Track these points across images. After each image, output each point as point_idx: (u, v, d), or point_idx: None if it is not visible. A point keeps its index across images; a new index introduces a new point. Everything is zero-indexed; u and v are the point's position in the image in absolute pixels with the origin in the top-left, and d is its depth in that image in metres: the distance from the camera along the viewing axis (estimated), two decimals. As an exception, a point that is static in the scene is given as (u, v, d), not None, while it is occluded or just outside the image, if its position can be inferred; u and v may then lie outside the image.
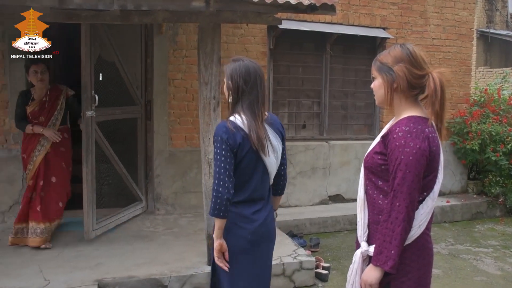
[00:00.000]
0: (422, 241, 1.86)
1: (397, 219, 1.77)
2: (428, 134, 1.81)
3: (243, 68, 2.25)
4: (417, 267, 1.86)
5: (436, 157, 1.85)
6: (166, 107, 5.20)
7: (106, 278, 3.49)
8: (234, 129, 2.18)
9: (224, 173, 2.16)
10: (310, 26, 5.65)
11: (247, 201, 2.29)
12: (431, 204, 1.86)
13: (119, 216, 4.80)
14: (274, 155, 2.31)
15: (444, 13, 6.49)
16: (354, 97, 6.31)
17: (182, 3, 3.30)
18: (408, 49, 1.88)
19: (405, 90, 1.87)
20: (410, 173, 1.76)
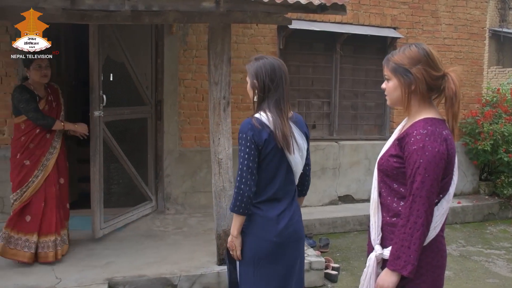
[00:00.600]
0: (436, 243, 1.85)
1: (416, 223, 1.75)
2: (446, 136, 1.78)
3: (268, 66, 2.23)
4: (432, 269, 1.85)
5: (452, 159, 1.82)
6: (176, 107, 5.22)
7: (116, 277, 3.52)
8: (260, 126, 2.16)
9: (247, 171, 2.15)
10: (320, 26, 5.63)
11: (271, 200, 2.25)
12: (446, 206, 1.84)
13: (128, 215, 4.83)
14: (299, 153, 2.29)
15: (456, 12, 6.43)
16: (364, 97, 6.28)
17: (193, 4, 3.31)
18: (425, 49, 1.83)
19: (424, 93, 1.83)
20: (429, 177, 1.73)
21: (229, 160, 3.72)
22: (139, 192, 5.15)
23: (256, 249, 2.24)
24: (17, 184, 3.68)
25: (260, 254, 2.24)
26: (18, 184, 3.68)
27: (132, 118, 5.18)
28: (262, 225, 2.23)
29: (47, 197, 3.74)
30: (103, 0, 3.17)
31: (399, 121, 6.71)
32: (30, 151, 3.70)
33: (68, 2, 3.10)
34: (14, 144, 3.74)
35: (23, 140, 3.69)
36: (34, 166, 3.70)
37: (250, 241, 2.25)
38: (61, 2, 3.11)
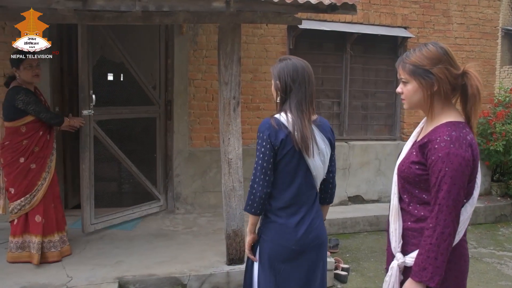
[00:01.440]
0: (460, 248, 1.80)
1: (443, 233, 1.69)
2: (470, 141, 1.71)
3: (290, 67, 2.21)
4: (455, 275, 1.80)
5: (477, 163, 1.75)
6: (186, 107, 5.24)
7: (126, 276, 3.54)
8: (277, 126, 2.13)
9: (261, 170, 2.13)
10: (330, 26, 5.61)
11: (290, 205, 2.19)
12: (470, 211, 1.78)
13: (127, 212, 4.91)
14: (320, 158, 2.21)
15: (468, 11, 6.37)
16: (375, 97, 6.24)
17: (203, 4, 3.32)
18: (443, 48, 1.76)
19: (448, 93, 1.75)
20: (456, 186, 1.67)
21: (239, 160, 3.72)
22: (142, 190, 5.21)
23: (275, 256, 2.20)
24: (24, 189, 3.63)
25: (279, 260, 2.20)
26: (25, 189, 3.63)
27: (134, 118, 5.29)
28: (280, 233, 2.19)
29: (54, 197, 3.80)
30: (114, 1, 3.19)
31: (410, 121, 6.69)
32: (36, 155, 3.65)
33: (80, 3, 3.13)
34: (13, 149, 3.61)
35: (25, 143, 3.61)
36: (42, 169, 3.68)
37: (268, 248, 2.22)
38: (73, 3, 3.14)
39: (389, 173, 6.24)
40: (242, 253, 3.80)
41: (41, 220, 3.67)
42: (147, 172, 5.73)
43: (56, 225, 3.78)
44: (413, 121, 6.27)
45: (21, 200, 3.63)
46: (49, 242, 3.73)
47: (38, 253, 3.63)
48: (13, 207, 3.65)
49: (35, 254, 3.62)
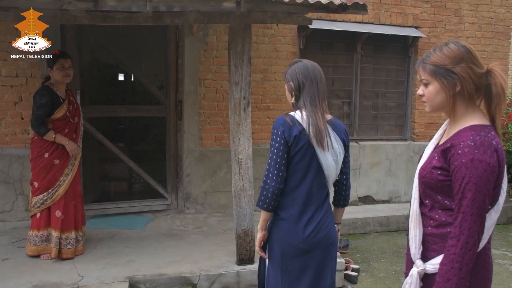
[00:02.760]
0: (482, 256, 1.73)
1: (467, 243, 1.62)
2: (496, 146, 1.62)
3: (301, 66, 2.29)
4: (477, 283, 1.73)
5: (503, 169, 1.67)
6: (196, 107, 5.25)
7: (137, 275, 3.56)
8: (291, 122, 2.18)
9: (275, 166, 2.16)
10: (341, 25, 5.59)
11: (300, 203, 2.21)
12: (495, 217, 1.72)
13: (124, 205, 5.20)
14: (333, 157, 2.23)
15: (480, 10, 6.30)
16: (385, 97, 6.21)
17: (213, 4, 3.32)
18: (465, 46, 1.70)
19: (472, 93, 1.68)
20: (480, 193, 1.60)
21: (249, 160, 3.72)
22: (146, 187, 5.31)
23: (284, 253, 2.23)
24: (47, 183, 3.75)
25: (287, 258, 2.23)
26: (47, 184, 3.75)
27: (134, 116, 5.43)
28: (289, 230, 2.21)
29: (75, 195, 3.88)
30: (125, 2, 3.21)
31: (421, 122, 6.65)
32: (60, 151, 3.78)
33: (92, 4, 3.15)
34: (40, 144, 3.76)
35: (47, 141, 3.75)
36: (64, 165, 3.80)
37: (277, 245, 2.25)
38: (85, 3, 3.16)
39: (400, 174, 6.23)
40: (252, 253, 3.80)
41: (61, 215, 3.76)
42: (155, 171, 5.81)
43: (74, 222, 3.85)
44: (424, 122, 6.22)
45: (44, 194, 3.75)
46: (66, 238, 3.80)
47: (56, 247, 3.74)
48: (36, 201, 3.76)
49: (54, 249, 3.74)
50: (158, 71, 6.90)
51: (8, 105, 4.77)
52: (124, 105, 6.87)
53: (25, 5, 3.17)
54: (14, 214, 4.82)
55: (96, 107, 5.58)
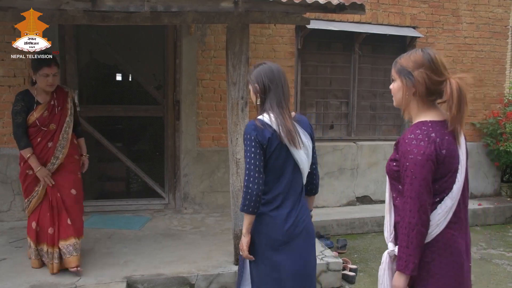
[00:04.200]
0: (443, 240, 1.88)
1: (410, 223, 1.83)
2: (435, 138, 1.84)
3: (266, 69, 2.37)
4: (439, 266, 1.88)
5: (448, 159, 1.86)
6: (194, 107, 5.25)
7: (134, 275, 3.56)
8: (262, 126, 2.27)
9: (254, 169, 2.24)
10: (339, 25, 5.60)
11: (279, 199, 2.33)
12: (450, 204, 1.88)
13: (121, 203, 5.27)
14: (305, 151, 2.36)
15: (478, 10, 6.32)
16: (383, 98, 6.21)
17: (211, 4, 3.32)
18: (430, 54, 1.89)
19: (423, 96, 1.90)
20: (417, 179, 1.81)
21: (247, 160, 3.72)
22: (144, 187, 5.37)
23: (266, 247, 2.34)
24: (24, 192, 3.60)
25: (269, 251, 2.34)
26: (25, 193, 3.59)
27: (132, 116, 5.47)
28: (270, 224, 2.32)
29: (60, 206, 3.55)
30: (123, 2, 3.21)
31: (419, 122, 6.60)
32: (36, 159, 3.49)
33: (89, 4, 3.15)
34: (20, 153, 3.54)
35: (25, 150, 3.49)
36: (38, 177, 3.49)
37: (259, 239, 2.35)
38: (83, 4, 3.16)
39: (398, 174, 6.22)
40: (250, 253, 3.80)
41: (36, 227, 3.54)
42: (153, 170, 5.83)
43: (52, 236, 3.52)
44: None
45: (25, 202, 3.61)
46: (41, 250, 3.60)
47: (34, 258, 3.61)
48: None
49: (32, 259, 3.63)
50: (156, 71, 6.91)
51: (6, 105, 4.76)
52: (122, 105, 6.90)
53: (24, 5, 3.16)
54: (12, 214, 4.81)
55: (94, 106, 5.62)
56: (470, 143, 6.48)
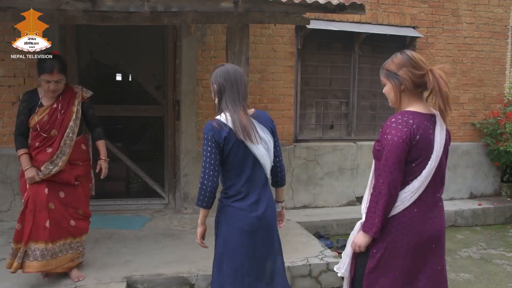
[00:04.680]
0: (405, 218, 2.18)
1: (380, 193, 2.15)
2: (412, 125, 2.13)
3: (222, 70, 2.51)
4: (394, 239, 2.19)
5: (421, 145, 2.14)
6: (194, 107, 5.25)
7: (134, 275, 3.56)
8: (219, 126, 2.41)
9: (210, 167, 2.41)
10: (339, 25, 5.60)
11: (242, 192, 2.48)
12: (417, 185, 2.16)
13: (121, 203, 5.31)
14: (264, 147, 2.50)
15: (478, 10, 6.32)
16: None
17: (211, 4, 3.32)
18: (408, 54, 2.22)
19: (411, 90, 2.21)
20: (391, 156, 2.12)
21: (247, 160, 3.72)
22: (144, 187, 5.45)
23: (229, 238, 2.49)
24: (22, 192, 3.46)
25: (233, 242, 2.49)
26: (22, 193, 3.45)
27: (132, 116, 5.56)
28: (234, 215, 2.49)
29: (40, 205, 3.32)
30: (123, 2, 3.21)
31: (419, 122, 6.58)
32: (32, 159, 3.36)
33: (89, 4, 3.15)
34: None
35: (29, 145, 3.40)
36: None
37: (223, 231, 2.52)
38: (83, 4, 3.17)
39: (398, 174, 6.22)
40: (250, 253, 3.80)
41: (18, 225, 3.33)
42: (152, 170, 5.83)
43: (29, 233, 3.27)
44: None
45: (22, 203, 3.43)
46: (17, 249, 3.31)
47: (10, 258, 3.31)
48: None
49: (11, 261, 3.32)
50: (155, 71, 6.91)
51: (6, 105, 4.77)
52: (122, 105, 6.90)
53: (24, 5, 3.17)
54: (12, 214, 4.81)
55: (94, 106, 5.58)
56: (470, 143, 6.49)
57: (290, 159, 5.63)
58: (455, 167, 6.41)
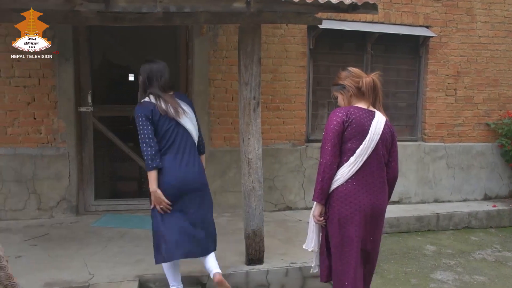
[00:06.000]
0: (344, 190, 2.72)
1: (321, 164, 2.74)
2: (349, 111, 2.73)
3: (147, 67, 3.19)
4: (338, 209, 2.73)
5: (355, 126, 2.69)
6: (206, 107, 5.26)
7: (146, 274, 3.58)
8: (147, 105, 3.05)
9: (148, 136, 2.96)
10: (351, 25, 5.57)
11: (176, 155, 3.04)
12: (353, 160, 2.69)
13: (133, 202, 5.40)
14: (188, 117, 3.14)
15: (493, 9, 6.24)
16: (396, 98, 6.17)
17: (224, 5, 3.33)
18: (348, 69, 2.87)
19: (356, 93, 2.82)
20: (327, 137, 2.71)
21: (259, 160, 3.72)
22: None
23: (166, 193, 2.99)
24: None
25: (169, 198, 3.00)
26: None
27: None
28: (167, 172, 3.00)
29: None
30: (136, 3, 3.23)
31: (432, 122, 6.61)
32: None
33: (103, 5, 3.17)
34: None
35: None
36: None
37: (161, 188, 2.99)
38: (96, 5, 3.19)
39: (410, 175, 6.17)
40: (262, 253, 3.80)
41: None
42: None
43: None
44: (435, 122, 6.17)
45: None
46: None
47: None
48: None
49: None
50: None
51: (21, 105, 4.84)
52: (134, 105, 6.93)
53: (38, 7, 3.20)
54: (27, 213, 4.88)
55: (107, 106, 5.66)
56: (485, 143, 6.41)
57: (302, 159, 5.61)
58: (469, 168, 6.34)
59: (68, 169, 4.94)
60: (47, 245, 4.14)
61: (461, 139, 6.30)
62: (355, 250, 2.74)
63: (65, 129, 4.89)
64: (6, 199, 4.84)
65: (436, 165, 6.21)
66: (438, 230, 5.70)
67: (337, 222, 2.73)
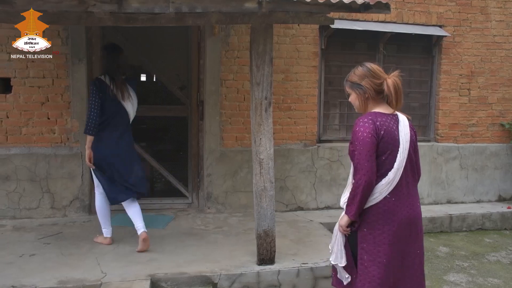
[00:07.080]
0: (383, 206, 2.46)
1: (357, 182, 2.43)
2: (375, 121, 2.44)
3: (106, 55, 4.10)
4: (376, 226, 2.47)
5: (386, 139, 2.44)
6: (218, 108, 5.28)
7: (158, 273, 3.60)
8: (100, 83, 3.90)
9: (94, 105, 3.83)
10: (363, 25, 5.54)
11: (112, 127, 3.94)
12: (392, 176, 2.45)
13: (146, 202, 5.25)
14: (131, 102, 4.05)
15: (508, 7, 6.15)
16: (408, 98, 6.12)
17: (235, 5, 3.33)
18: (367, 66, 2.57)
19: (374, 96, 2.54)
20: (363, 150, 2.40)
21: (270, 160, 3.72)
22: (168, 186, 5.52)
23: (101, 159, 3.92)
24: None
25: (103, 162, 3.93)
26: None
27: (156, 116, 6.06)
28: (104, 143, 3.91)
29: None
30: (148, 3, 3.25)
31: (445, 122, 6.53)
32: None
33: (116, 6, 3.20)
34: None
35: None
36: None
37: (97, 154, 3.92)
38: (109, 6, 3.22)
39: (423, 175, 6.05)
40: (273, 253, 3.80)
41: None
42: (176, 170, 5.89)
43: None
44: (448, 122, 6.11)
45: None
46: None
47: None
48: None
49: None
50: (179, 71, 6.98)
51: (36, 105, 4.90)
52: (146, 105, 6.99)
53: (52, 8, 3.24)
54: (41, 212, 4.94)
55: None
56: (499, 144, 6.32)
57: (313, 159, 5.60)
58: (482, 169, 6.26)
59: (81, 169, 4.98)
60: (60, 244, 4.18)
61: (474, 139, 6.23)
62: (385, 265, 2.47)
63: (79, 128, 4.93)
64: (21, 198, 4.90)
65: (449, 165, 6.15)
66: (451, 232, 5.64)
67: (372, 240, 2.48)
